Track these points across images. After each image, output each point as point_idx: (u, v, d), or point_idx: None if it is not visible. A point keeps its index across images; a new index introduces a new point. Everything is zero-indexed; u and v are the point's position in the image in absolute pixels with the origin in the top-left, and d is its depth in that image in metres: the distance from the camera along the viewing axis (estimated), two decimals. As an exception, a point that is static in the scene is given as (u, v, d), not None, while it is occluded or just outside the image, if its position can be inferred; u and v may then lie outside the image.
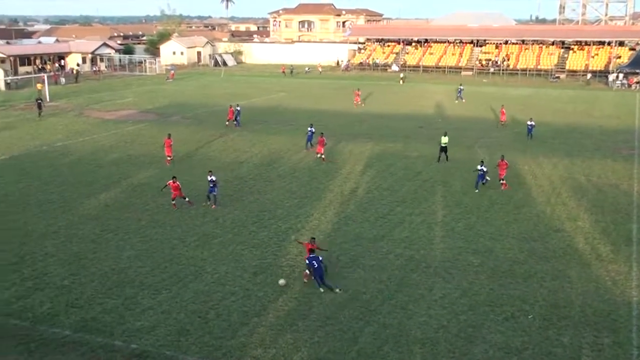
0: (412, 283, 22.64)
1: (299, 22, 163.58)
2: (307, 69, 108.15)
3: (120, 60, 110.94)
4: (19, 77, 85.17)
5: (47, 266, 23.95)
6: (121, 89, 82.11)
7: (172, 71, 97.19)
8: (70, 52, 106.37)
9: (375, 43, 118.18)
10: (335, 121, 56.28)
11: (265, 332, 19.19)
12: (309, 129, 44.18)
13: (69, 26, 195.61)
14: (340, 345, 18.51)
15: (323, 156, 40.53)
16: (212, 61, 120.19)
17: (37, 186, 34.82)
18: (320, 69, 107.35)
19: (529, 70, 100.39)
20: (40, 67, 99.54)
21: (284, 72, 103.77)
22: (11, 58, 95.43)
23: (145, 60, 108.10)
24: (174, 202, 30.80)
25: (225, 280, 22.79)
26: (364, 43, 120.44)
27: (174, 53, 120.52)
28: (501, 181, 34.34)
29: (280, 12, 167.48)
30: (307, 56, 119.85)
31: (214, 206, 30.99)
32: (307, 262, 22.28)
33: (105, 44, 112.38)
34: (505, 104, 58.87)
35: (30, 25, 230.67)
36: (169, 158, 39.60)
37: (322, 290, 21.73)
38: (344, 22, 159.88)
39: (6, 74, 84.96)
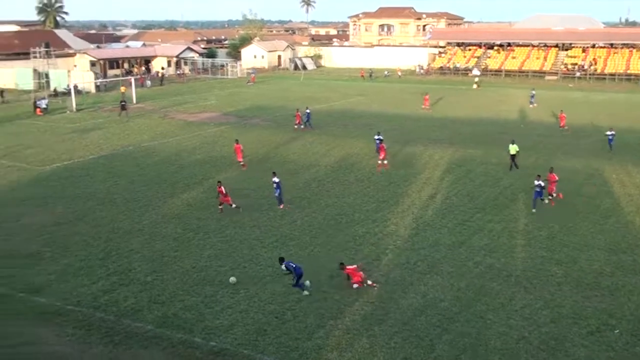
0: (492, 292, 22.16)
1: (379, 25, 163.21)
2: (386, 72, 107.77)
3: (203, 63, 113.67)
4: (108, 80, 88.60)
5: (132, 262, 24.77)
6: (204, 91, 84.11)
7: (253, 75, 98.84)
8: (156, 56, 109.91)
9: (456, 47, 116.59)
10: (415, 126, 55.84)
11: (341, 336, 19.20)
12: (376, 136, 43.43)
13: (155, 30, 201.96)
14: (417, 352, 18.30)
15: (385, 162, 40.07)
16: (292, 65, 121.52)
17: (123, 185, 36.09)
18: (399, 73, 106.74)
19: (618, 75, 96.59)
20: (127, 70, 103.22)
21: (362, 76, 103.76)
22: (101, 61, 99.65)
23: (227, 64, 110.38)
24: (220, 206, 30.61)
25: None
26: (445, 47, 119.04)
27: (254, 57, 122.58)
28: (549, 196, 32.17)
29: (360, 15, 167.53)
30: (386, 60, 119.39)
31: (281, 206, 31.35)
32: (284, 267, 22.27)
33: (189, 48, 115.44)
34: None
35: (118, 29, 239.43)
36: (241, 163, 39.67)
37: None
38: (424, 26, 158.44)
39: (96, 76, 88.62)
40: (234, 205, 30.66)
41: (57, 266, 24.40)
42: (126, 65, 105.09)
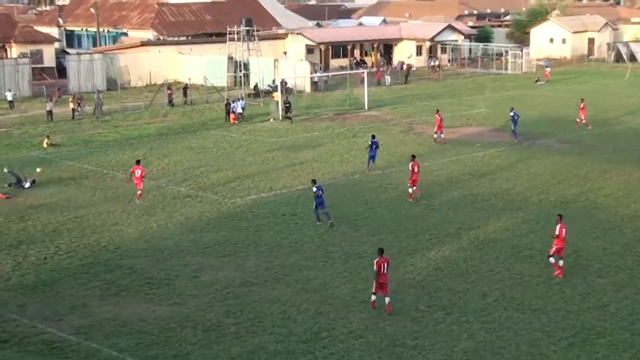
0: None
1: None
2: None
3: (470, 50, 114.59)
4: (330, 74, 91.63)
5: (350, 350, 25.24)
6: (468, 94, 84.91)
7: (548, 68, 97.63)
8: (400, 39, 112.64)
9: None
10: None
11: None
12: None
13: (402, 0, 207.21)
14: None
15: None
16: (612, 54, 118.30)
17: (343, 231, 37.22)
18: None
19: None
20: (359, 60, 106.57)
21: None
22: (322, 47, 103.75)
23: (506, 52, 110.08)
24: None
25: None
26: None
27: (551, 41, 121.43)
28: None
29: None
30: None
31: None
32: None
33: (450, 27, 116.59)
34: None
35: (350, 0, 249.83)
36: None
37: None
38: None
39: (314, 68, 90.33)
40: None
41: (243, 346, 25.62)
42: (357, 53, 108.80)
